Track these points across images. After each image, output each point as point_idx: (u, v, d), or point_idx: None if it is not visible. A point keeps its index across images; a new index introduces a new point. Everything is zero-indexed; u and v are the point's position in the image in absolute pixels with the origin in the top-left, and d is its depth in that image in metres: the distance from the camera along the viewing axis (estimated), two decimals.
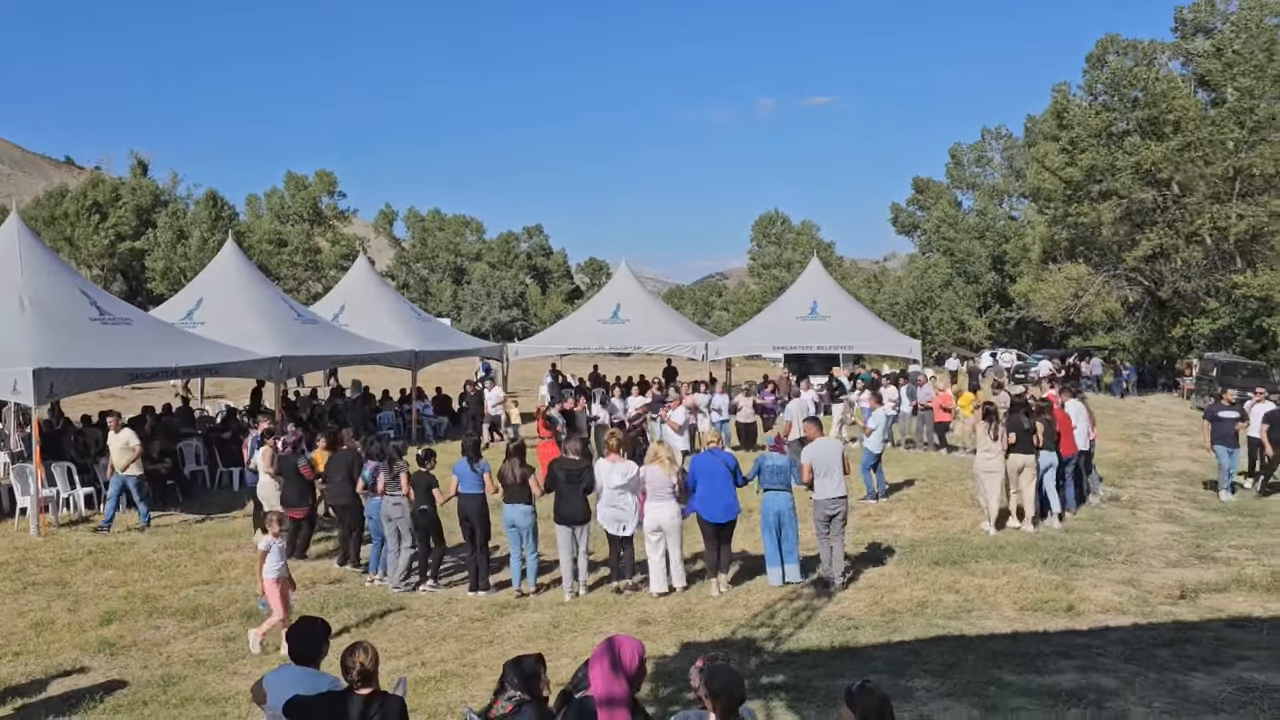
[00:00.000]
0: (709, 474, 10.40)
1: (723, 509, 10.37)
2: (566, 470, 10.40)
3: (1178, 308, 41.56)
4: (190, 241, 67.90)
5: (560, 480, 10.38)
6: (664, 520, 10.26)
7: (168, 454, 16.53)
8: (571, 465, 10.47)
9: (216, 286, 20.94)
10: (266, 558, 8.77)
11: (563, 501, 10.37)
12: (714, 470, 10.40)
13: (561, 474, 10.39)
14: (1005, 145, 69.36)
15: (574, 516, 10.35)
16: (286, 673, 5.16)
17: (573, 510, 10.34)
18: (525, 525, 10.47)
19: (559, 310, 76.71)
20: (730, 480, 10.41)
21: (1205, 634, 8.70)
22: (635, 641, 4.47)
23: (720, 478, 10.37)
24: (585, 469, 10.47)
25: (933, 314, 62.32)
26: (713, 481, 10.36)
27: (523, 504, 10.45)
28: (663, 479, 10.31)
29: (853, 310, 28.27)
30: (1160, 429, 25.49)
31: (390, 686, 5.36)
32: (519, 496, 10.46)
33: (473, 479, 10.64)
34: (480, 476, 10.63)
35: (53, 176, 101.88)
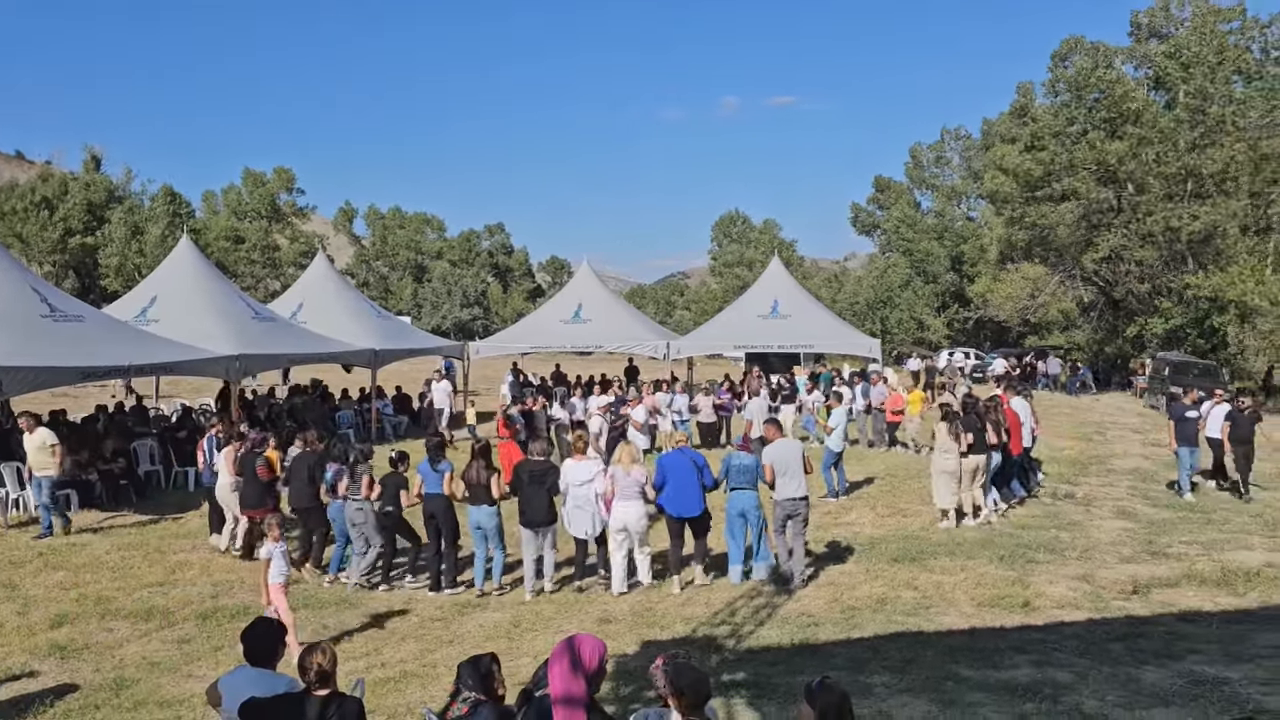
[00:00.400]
0: (677, 471, 10.49)
1: (682, 503, 10.45)
2: (530, 471, 10.39)
3: (1131, 308, 42.29)
4: (146, 238, 66.81)
5: (524, 481, 10.37)
6: (630, 520, 10.28)
7: (121, 453, 16.26)
8: (535, 466, 10.46)
9: (171, 284, 20.58)
10: (270, 564, 8.63)
11: (527, 503, 10.36)
12: (682, 467, 10.50)
13: (525, 475, 10.39)
14: (964, 146, 70.16)
15: (538, 518, 10.33)
16: (242, 674, 5.09)
17: (537, 511, 10.33)
18: (490, 526, 10.44)
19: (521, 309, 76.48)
20: (697, 477, 10.48)
21: (1157, 628, 8.86)
22: (596, 641, 4.46)
23: (688, 474, 10.45)
24: (549, 470, 10.47)
25: (892, 313, 62.93)
26: (680, 478, 10.45)
27: (487, 505, 10.41)
28: (628, 478, 10.33)
29: (813, 309, 28.42)
30: (1114, 427, 25.91)
31: (348, 688, 5.31)
32: (483, 498, 10.42)
33: (434, 479, 10.58)
34: (442, 477, 10.56)
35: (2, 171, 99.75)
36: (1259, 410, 16.07)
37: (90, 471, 15.41)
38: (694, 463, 10.53)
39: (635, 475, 10.40)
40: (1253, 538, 12.47)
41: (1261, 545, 12.05)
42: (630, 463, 10.51)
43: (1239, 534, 12.67)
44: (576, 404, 20.38)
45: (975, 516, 13.10)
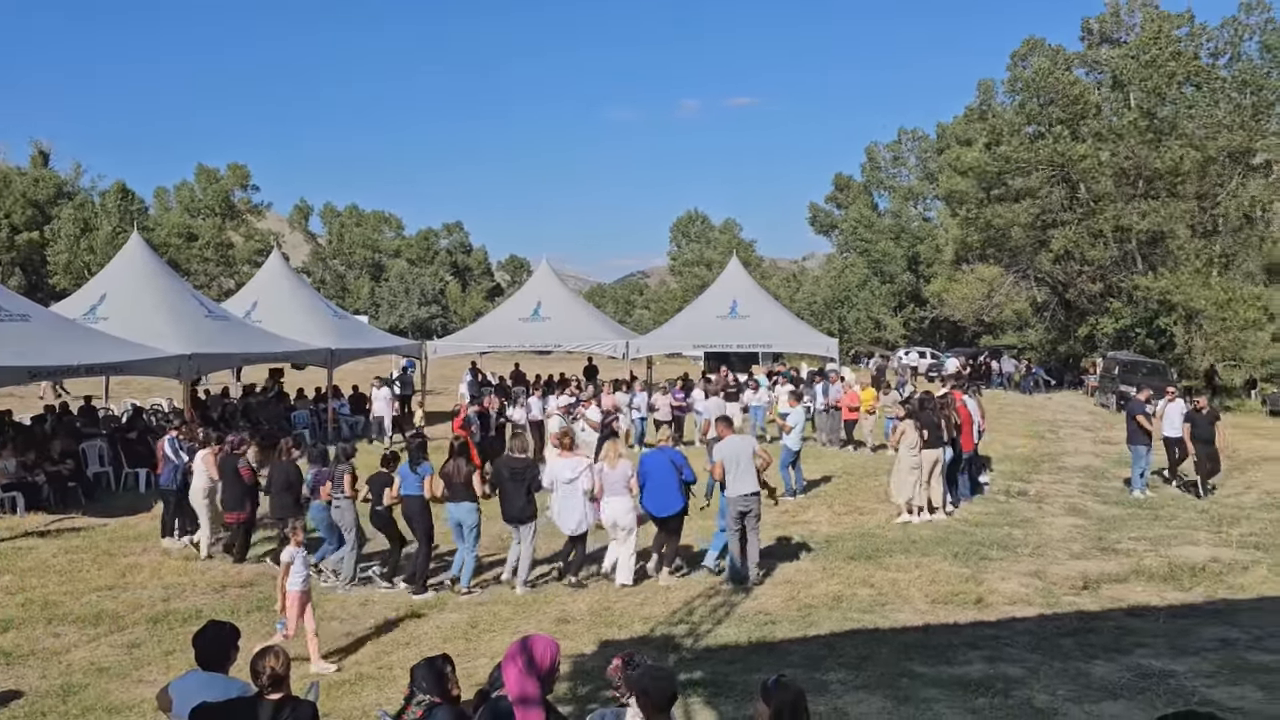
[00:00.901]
0: (657, 470, 10.64)
1: (661, 501, 10.61)
2: (511, 469, 10.50)
3: (1083, 308, 43.00)
4: (97, 235, 65.50)
5: (505, 478, 10.49)
6: (619, 515, 10.52)
7: (69, 455, 15.94)
8: (516, 464, 10.56)
9: (121, 282, 20.21)
10: (291, 569, 8.45)
11: (507, 499, 10.48)
12: (661, 466, 10.65)
13: (506, 472, 10.52)
14: (920, 148, 70.89)
15: (518, 515, 10.43)
16: (193, 679, 5.01)
17: (516, 508, 10.42)
18: (470, 523, 10.48)
19: (479, 308, 76.05)
20: (676, 476, 10.59)
21: (1106, 623, 9.03)
22: (550, 640, 4.45)
23: (667, 473, 10.59)
24: (529, 466, 10.60)
25: (850, 313, 63.49)
26: (659, 477, 10.60)
27: (467, 502, 10.45)
28: (614, 473, 10.57)
29: (772, 309, 28.59)
30: (1066, 425, 26.34)
31: (303, 691, 5.26)
32: (463, 495, 10.46)
33: (412, 480, 10.57)
34: (421, 478, 10.55)
35: None
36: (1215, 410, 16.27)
37: (37, 473, 15.09)
38: (673, 462, 10.66)
39: (621, 470, 10.63)
40: (1199, 533, 12.73)
41: (1207, 541, 12.31)
42: (616, 458, 10.75)
43: (1185, 530, 12.94)
44: (533, 404, 20.31)
45: (932, 513, 13.25)
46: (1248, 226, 38.94)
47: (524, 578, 10.53)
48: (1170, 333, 37.33)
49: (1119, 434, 23.33)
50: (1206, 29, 39.56)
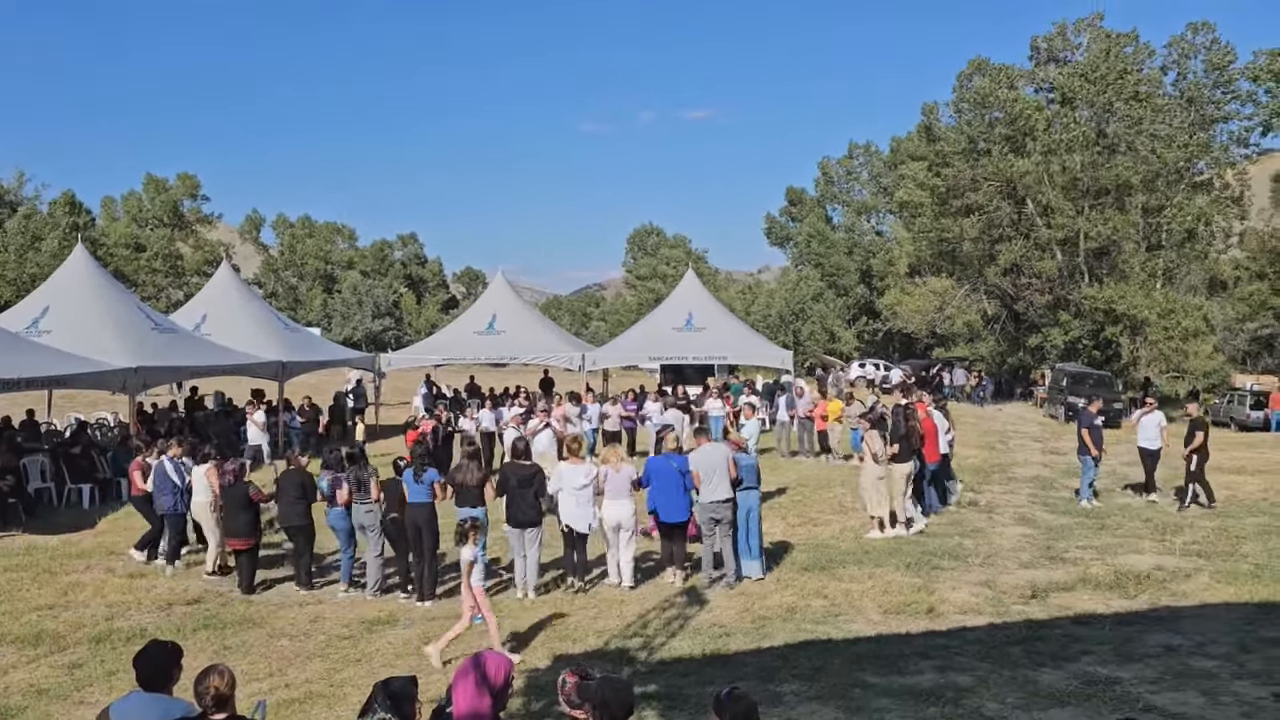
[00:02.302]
0: (662, 476, 10.90)
1: (671, 509, 10.87)
2: (518, 475, 10.67)
3: (1032, 320, 43.72)
4: (44, 246, 64.09)
5: (512, 484, 10.64)
6: (623, 517, 10.71)
7: (9, 470, 15.54)
8: (523, 470, 10.75)
9: (65, 294, 19.81)
10: (474, 568, 8.62)
11: (513, 504, 10.59)
12: (666, 472, 10.89)
13: (513, 478, 10.68)
14: (872, 161, 71.74)
15: (525, 519, 10.54)
16: (135, 700, 4.89)
17: (523, 513, 10.54)
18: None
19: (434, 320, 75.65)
20: (681, 482, 10.85)
21: (1054, 631, 9.16)
22: (502, 656, 4.43)
23: (672, 480, 10.84)
24: (536, 472, 10.75)
25: (804, 325, 63.99)
26: (665, 483, 10.84)
27: (476, 507, 10.51)
28: (618, 476, 10.80)
29: (727, 321, 28.75)
30: (1016, 436, 26.73)
31: (249, 711, 5.16)
32: (471, 499, 10.54)
33: (419, 489, 10.56)
34: (428, 486, 10.55)
35: None
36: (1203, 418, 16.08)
37: None
38: (678, 468, 10.89)
39: (625, 473, 10.87)
40: (1143, 542, 12.96)
41: (1151, 549, 12.54)
42: (618, 461, 11.03)
43: (1130, 538, 13.17)
44: (484, 416, 20.22)
45: (907, 527, 13.24)
46: (1190, 241, 39.85)
47: (532, 583, 10.68)
48: (1116, 344, 38.07)
49: (1067, 444, 23.78)
50: (1150, 48, 40.56)
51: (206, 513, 11.86)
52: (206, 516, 11.88)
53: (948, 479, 15.79)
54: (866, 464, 13.24)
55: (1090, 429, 15.67)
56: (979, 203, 40.38)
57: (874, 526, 13.14)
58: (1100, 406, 16.57)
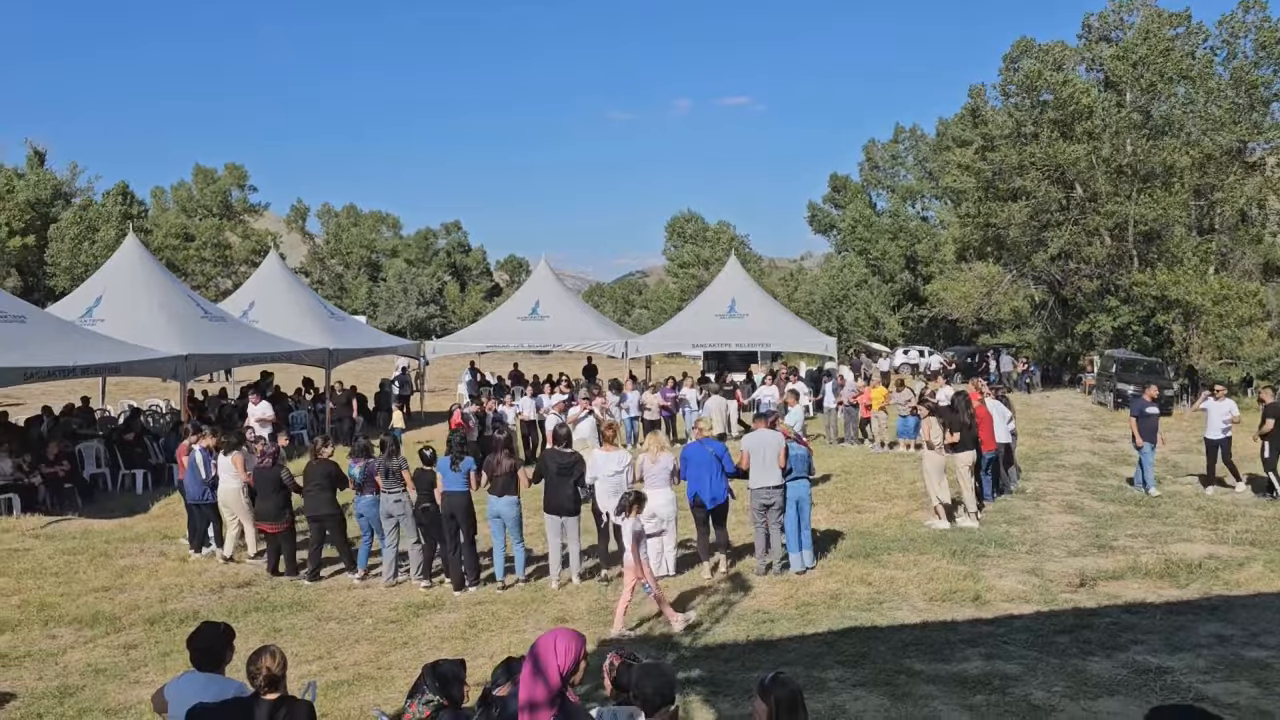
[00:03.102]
0: (698, 462, 10.78)
1: (711, 491, 10.72)
2: (558, 463, 10.59)
3: (1081, 306, 43.02)
4: (98, 237, 65.38)
5: (551, 471, 10.56)
6: (660, 506, 10.53)
7: (65, 456, 15.92)
8: (563, 458, 10.64)
9: (117, 283, 20.21)
10: (640, 539, 8.83)
11: (552, 492, 10.53)
12: (703, 459, 10.78)
13: (553, 465, 10.60)
14: (919, 146, 70.87)
15: (563, 507, 10.48)
16: (188, 680, 5.00)
17: (562, 501, 10.48)
18: (510, 516, 10.51)
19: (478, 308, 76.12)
20: (719, 468, 10.76)
21: (1103, 620, 9.03)
22: (569, 637, 4.42)
23: (709, 466, 10.73)
24: (577, 461, 10.64)
25: (848, 312, 63.50)
26: (702, 469, 10.73)
27: (509, 495, 10.50)
28: (656, 466, 10.67)
29: (770, 308, 28.64)
30: (1064, 423, 26.34)
31: (300, 691, 5.25)
32: (506, 488, 10.51)
33: (455, 477, 10.56)
34: (464, 474, 10.55)
35: None
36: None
37: (34, 475, 15.08)
38: (714, 454, 10.81)
39: (664, 462, 10.73)
40: (1195, 530, 12.74)
41: (1203, 538, 12.31)
42: (658, 450, 10.85)
43: (1182, 527, 12.94)
44: (525, 403, 20.32)
45: (976, 519, 13.03)
46: (1244, 224, 38.93)
47: (575, 570, 10.65)
48: (1168, 330, 37.35)
49: (1115, 432, 23.45)
50: (1203, 28, 39.62)
51: (234, 499, 11.98)
52: (234, 502, 12.00)
53: (1008, 467, 15.56)
54: (928, 452, 13.10)
55: (1141, 417, 15.36)
56: (1026, 187, 39.75)
57: (935, 515, 13.01)
58: (1155, 394, 16.17)
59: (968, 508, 13.08)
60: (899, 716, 6.87)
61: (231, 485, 11.93)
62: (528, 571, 10.92)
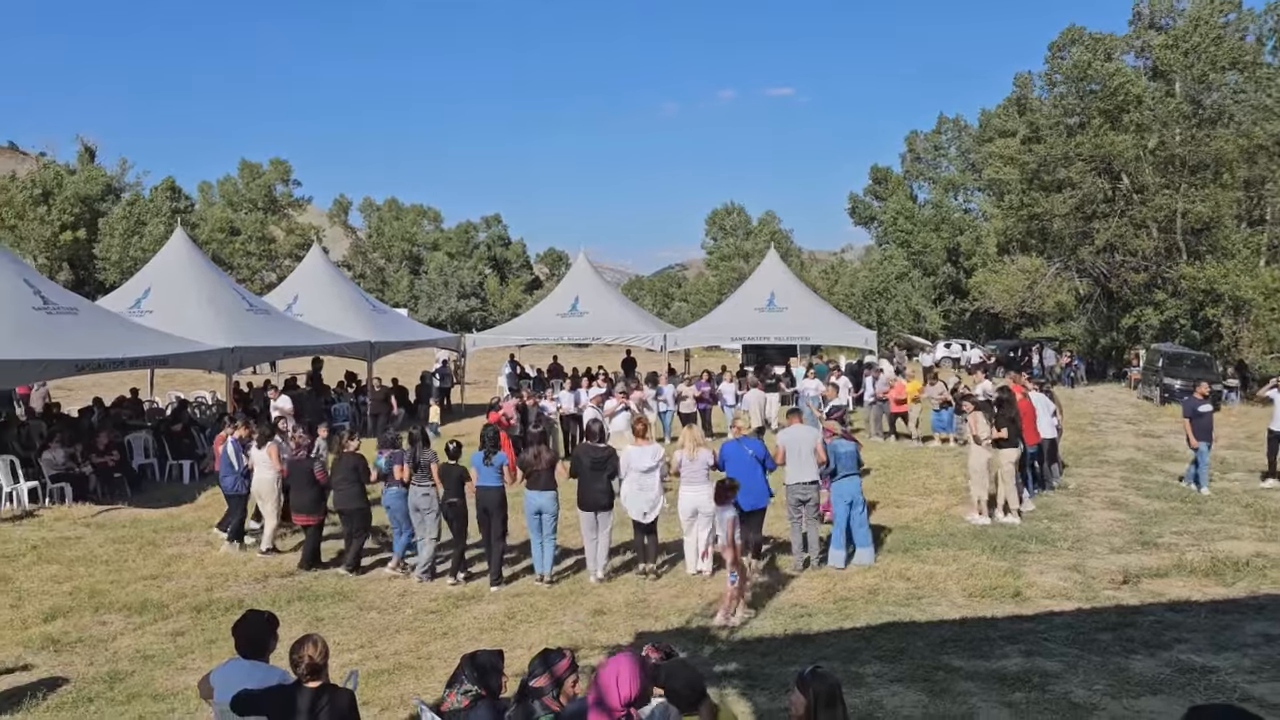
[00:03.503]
0: (737, 462, 10.58)
1: (752, 496, 10.45)
2: (592, 457, 10.52)
3: (1127, 299, 42.33)
4: (147, 231, 66.54)
5: (585, 466, 10.49)
6: (700, 502, 10.39)
7: (115, 446, 16.26)
8: (597, 452, 10.57)
9: (165, 275, 20.59)
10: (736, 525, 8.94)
11: (586, 487, 10.47)
12: (741, 458, 10.60)
13: (587, 460, 10.52)
14: (961, 136, 70.02)
15: (597, 502, 10.43)
16: (234, 667, 5.11)
17: (596, 496, 10.43)
18: (550, 511, 10.44)
19: (518, 300, 76.53)
20: (758, 468, 10.58)
21: (1146, 618, 8.91)
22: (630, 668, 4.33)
23: (748, 465, 10.53)
24: (611, 455, 10.55)
25: (888, 305, 62.94)
26: (740, 469, 10.49)
27: (550, 490, 10.44)
28: (694, 463, 10.55)
29: (809, 301, 28.52)
30: (1108, 418, 25.97)
31: (342, 680, 5.35)
32: (544, 483, 10.44)
33: (488, 472, 10.54)
34: (497, 469, 10.53)
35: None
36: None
37: (84, 464, 15.43)
38: (754, 453, 10.64)
39: (701, 458, 10.59)
40: (1242, 528, 12.52)
41: (1251, 535, 12.10)
42: (695, 446, 10.68)
43: (1229, 524, 12.73)
44: (565, 396, 20.41)
45: (1005, 514, 12.87)
46: None
47: (602, 565, 10.56)
48: (1217, 324, 36.63)
49: (1162, 427, 23.10)
50: (1254, 15, 38.76)
51: (268, 489, 12.10)
52: (267, 493, 12.12)
53: (1051, 462, 15.37)
54: (974, 447, 12.98)
55: (1195, 417, 14.97)
56: (1072, 179, 39.13)
57: (976, 511, 12.89)
58: (1206, 391, 15.77)
59: (1010, 503, 12.94)
60: (936, 712, 6.84)
61: (266, 476, 12.08)
62: (563, 567, 10.91)
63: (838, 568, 10.71)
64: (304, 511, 11.45)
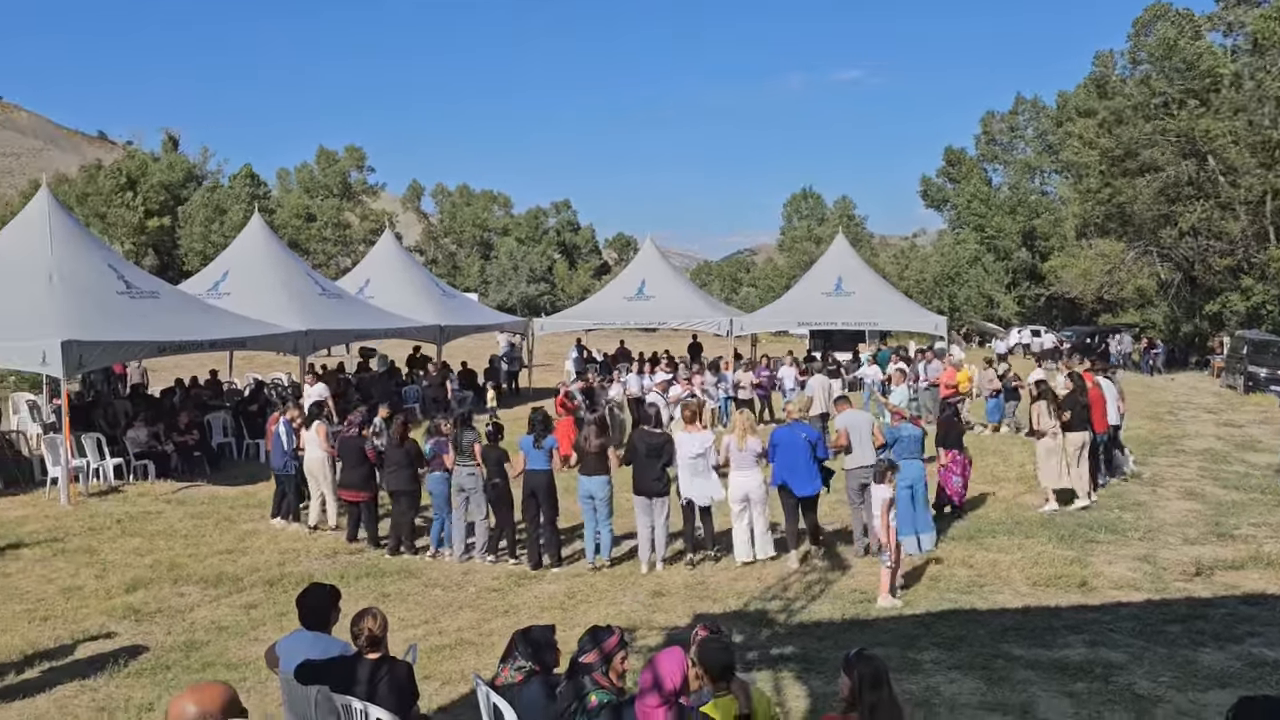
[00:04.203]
0: (789, 446, 10.46)
1: (804, 481, 10.41)
2: (647, 443, 10.42)
3: (1211, 284, 40.98)
4: (227, 218, 68.32)
5: (640, 453, 10.40)
6: (750, 489, 10.37)
7: (195, 426, 16.82)
8: (652, 438, 10.48)
9: (242, 261, 21.19)
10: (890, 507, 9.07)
11: (641, 473, 10.40)
12: (794, 443, 10.45)
13: (642, 446, 10.42)
14: (1038, 117, 68.23)
15: (652, 488, 10.36)
16: (298, 638, 5.29)
17: (651, 482, 10.36)
18: (602, 496, 10.37)
19: (586, 285, 76.86)
20: (810, 453, 10.43)
21: (1218, 610, 8.70)
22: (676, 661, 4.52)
23: (801, 450, 10.41)
24: (666, 442, 10.45)
25: (960, 290, 61.79)
26: (793, 454, 10.41)
27: (600, 475, 10.39)
28: (744, 450, 10.48)
29: (878, 286, 28.17)
30: (1188, 407, 25.25)
31: (402, 653, 5.50)
32: (597, 468, 10.41)
33: (538, 455, 10.53)
34: (547, 452, 10.52)
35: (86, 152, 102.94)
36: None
37: (166, 443, 15.99)
38: (806, 438, 10.49)
39: (751, 445, 10.52)
40: None
41: None
42: (745, 433, 10.60)
43: None
44: (632, 380, 20.49)
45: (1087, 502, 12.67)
46: None
47: (661, 554, 10.47)
48: None
49: (1244, 416, 22.40)
50: None
51: (319, 468, 12.34)
52: (319, 471, 12.37)
53: (1114, 449, 15.04)
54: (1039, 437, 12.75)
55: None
56: (1156, 161, 37.90)
57: (1044, 499, 12.67)
58: None
59: (1079, 491, 12.70)
60: (994, 700, 6.78)
61: (316, 455, 12.31)
62: (618, 553, 10.91)
63: (908, 553, 10.58)
64: (352, 487, 11.67)
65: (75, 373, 14.73)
